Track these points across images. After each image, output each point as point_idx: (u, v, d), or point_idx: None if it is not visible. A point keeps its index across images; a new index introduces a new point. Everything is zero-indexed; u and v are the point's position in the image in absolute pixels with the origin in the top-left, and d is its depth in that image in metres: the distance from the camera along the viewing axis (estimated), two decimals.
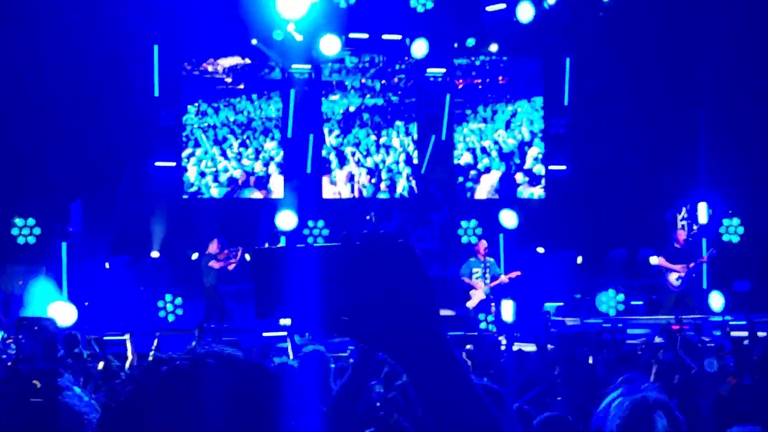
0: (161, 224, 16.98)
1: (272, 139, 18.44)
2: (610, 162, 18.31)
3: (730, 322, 13.74)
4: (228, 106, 18.20)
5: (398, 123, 19.07)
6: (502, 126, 19.47)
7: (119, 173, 17.07)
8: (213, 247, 14.99)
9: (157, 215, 16.96)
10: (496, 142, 19.44)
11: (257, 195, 18.33)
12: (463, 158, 19.33)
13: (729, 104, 17.83)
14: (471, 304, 14.31)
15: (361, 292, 1.55)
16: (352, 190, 18.80)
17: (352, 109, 18.84)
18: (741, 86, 17.77)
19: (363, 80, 18.82)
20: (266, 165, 18.42)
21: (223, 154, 18.21)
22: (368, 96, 18.87)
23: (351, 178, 18.79)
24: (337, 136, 18.81)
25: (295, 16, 15.53)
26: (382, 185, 18.94)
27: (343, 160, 18.80)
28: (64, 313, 13.94)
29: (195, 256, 16.01)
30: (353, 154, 18.83)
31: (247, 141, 18.32)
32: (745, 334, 12.60)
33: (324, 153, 18.72)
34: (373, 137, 18.98)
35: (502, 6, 16.95)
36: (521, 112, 19.50)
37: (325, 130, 18.74)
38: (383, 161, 18.97)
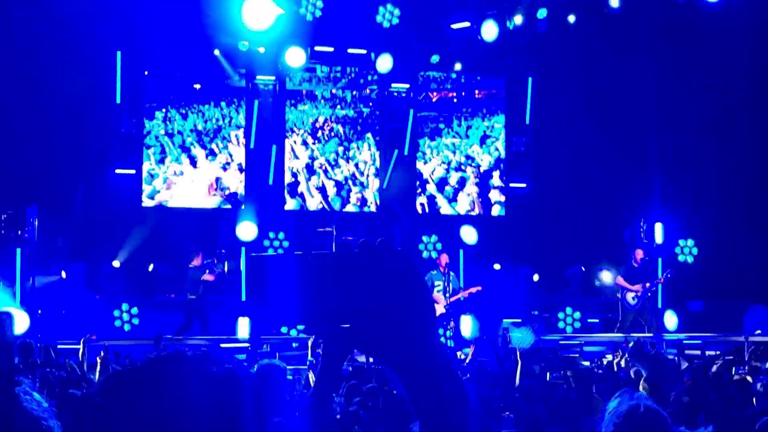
0: (120, 233, 16.79)
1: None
2: (570, 180, 18.51)
3: (684, 341, 13.94)
4: (195, 113, 18.08)
5: (368, 135, 19.10)
6: (477, 141, 19.59)
7: (77, 179, 16.87)
8: (197, 261, 14.98)
9: (116, 223, 16.78)
10: (471, 158, 19.55)
11: (217, 203, 18.20)
12: (436, 173, 19.39)
13: (686, 126, 18.13)
14: None
15: (359, 300, 1.56)
16: (324, 202, 18.77)
17: (321, 119, 18.82)
18: (697, 108, 18.10)
19: (333, 90, 18.81)
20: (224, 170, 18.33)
21: (192, 162, 18.08)
22: (339, 107, 18.87)
23: (322, 190, 18.76)
24: (306, 147, 18.77)
25: (260, 27, 15.51)
26: (353, 198, 18.93)
27: (311, 172, 18.76)
28: (17, 321, 13.79)
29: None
30: (321, 166, 18.81)
31: (215, 148, 18.20)
32: (697, 353, 12.81)
33: (291, 165, 18.65)
34: (340, 149, 18.96)
35: (467, 24, 17.08)
36: (498, 128, 19.65)
37: (292, 140, 18.69)
38: (353, 175, 18.98)
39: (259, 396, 1.63)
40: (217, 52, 17.39)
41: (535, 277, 18.03)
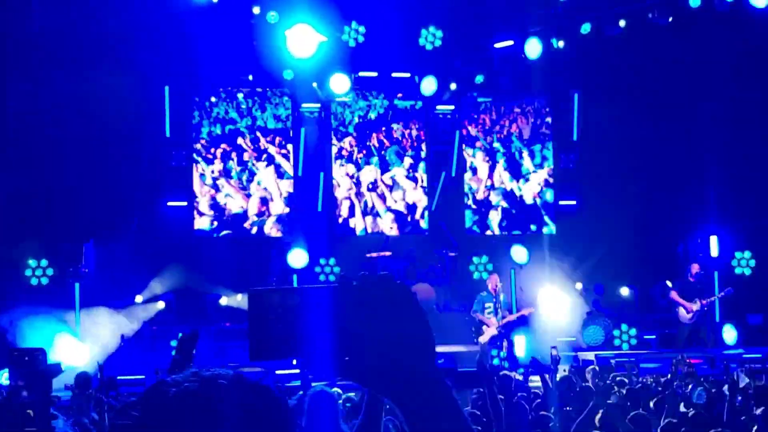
0: (174, 263, 16.98)
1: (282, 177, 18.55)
2: (621, 196, 18.33)
3: (744, 355, 13.65)
4: (244, 145, 18.35)
5: (414, 157, 19.18)
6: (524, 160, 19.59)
7: (132, 213, 17.17)
8: None
9: (170, 255, 16.99)
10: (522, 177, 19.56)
11: (273, 232, 18.36)
12: (485, 192, 19.40)
13: (738, 137, 17.87)
14: (483, 339, 14.28)
15: (359, 333, 1.57)
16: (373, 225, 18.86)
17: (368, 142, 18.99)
18: (749, 118, 17.83)
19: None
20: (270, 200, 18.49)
21: (244, 188, 18.32)
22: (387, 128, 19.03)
23: (371, 213, 18.86)
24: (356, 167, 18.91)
25: (304, 55, 15.68)
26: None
27: (359, 196, 18.86)
28: (75, 352, 14.03)
29: (139, 299, 16.06)
30: (369, 189, 18.87)
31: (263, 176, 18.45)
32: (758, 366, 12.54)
33: (340, 191, 18.77)
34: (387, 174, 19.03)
35: (510, 43, 17.08)
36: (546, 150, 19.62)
37: (338, 164, 18.82)
38: (402, 198, 19.06)
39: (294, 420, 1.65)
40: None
41: (625, 291, 17.72)
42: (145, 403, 1.59)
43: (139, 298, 16.48)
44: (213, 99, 18.20)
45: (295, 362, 11.89)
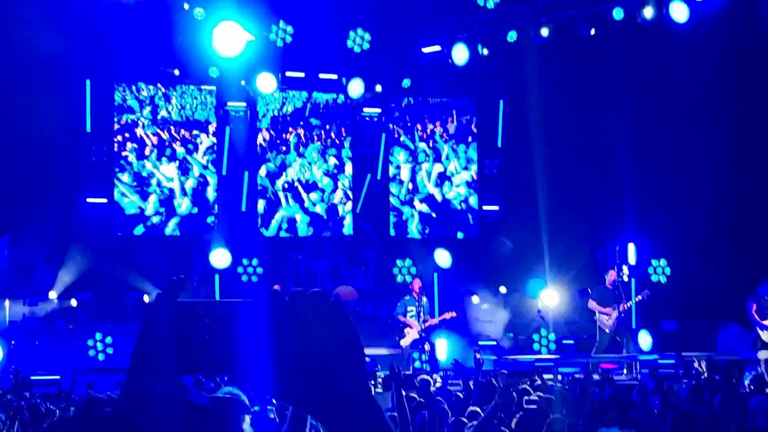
0: (93, 262, 16.62)
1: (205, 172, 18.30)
2: (542, 202, 18.60)
3: (658, 361, 13.97)
4: (167, 142, 18.00)
5: (337, 156, 19.09)
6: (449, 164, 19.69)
7: (49, 209, 16.75)
8: None
9: (89, 253, 16.61)
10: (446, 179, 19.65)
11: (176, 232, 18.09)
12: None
13: (657, 146, 18.30)
14: (405, 342, 14.33)
15: (291, 353, 1.52)
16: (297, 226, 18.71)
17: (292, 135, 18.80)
18: (668, 129, 18.27)
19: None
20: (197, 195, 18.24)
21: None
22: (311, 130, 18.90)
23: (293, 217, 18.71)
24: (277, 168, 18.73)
25: (231, 53, 15.52)
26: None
27: (284, 195, 18.70)
28: None
29: (53, 295, 15.77)
30: (293, 187, 18.72)
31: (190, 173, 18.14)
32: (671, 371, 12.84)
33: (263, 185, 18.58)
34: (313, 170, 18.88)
35: (438, 48, 17.18)
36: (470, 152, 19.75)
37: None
38: (325, 199, 18.93)
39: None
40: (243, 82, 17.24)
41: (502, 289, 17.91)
42: (78, 421, 1.55)
43: (52, 294, 16.07)
44: (128, 92, 17.84)
45: (226, 378, 11.66)
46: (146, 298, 16.29)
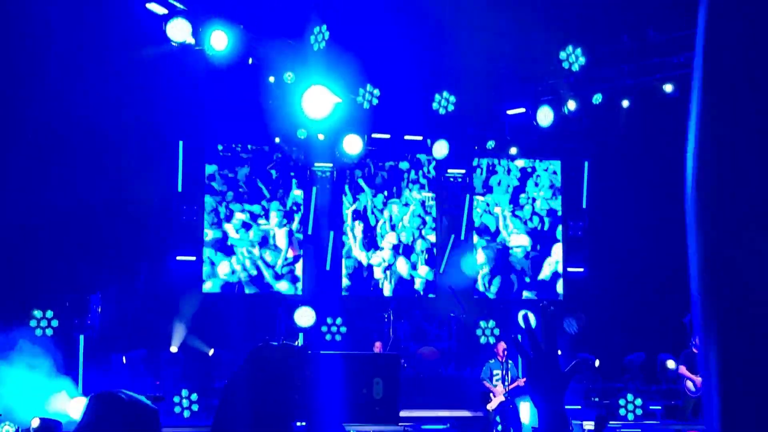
0: (181, 319, 16.96)
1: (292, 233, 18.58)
2: (628, 264, 18.37)
3: None
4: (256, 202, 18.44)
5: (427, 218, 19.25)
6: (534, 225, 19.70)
7: (139, 266, 17.16)
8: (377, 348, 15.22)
9: (177, 310, 16.96)
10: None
11: (282, 286, 18.35)
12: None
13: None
14: (491, 406, 14.17)
15: (244, 394, 1.67)
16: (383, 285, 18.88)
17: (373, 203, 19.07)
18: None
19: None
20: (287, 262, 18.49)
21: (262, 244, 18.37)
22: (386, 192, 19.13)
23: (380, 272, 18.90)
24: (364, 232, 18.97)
25: (319, 116, 15.82)
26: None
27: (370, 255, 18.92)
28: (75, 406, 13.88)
29: (211, 352, 16.05)
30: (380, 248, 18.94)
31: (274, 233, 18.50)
32: None
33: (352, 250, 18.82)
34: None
35: (522, 110, 17.24)
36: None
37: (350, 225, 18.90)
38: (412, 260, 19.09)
39: None
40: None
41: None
42: None
43: (174, 349, 16.52)
44: (225, 153, 18.33)
45: None
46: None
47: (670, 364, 16.80)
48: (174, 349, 16.78)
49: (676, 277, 18.26)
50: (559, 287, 19.51)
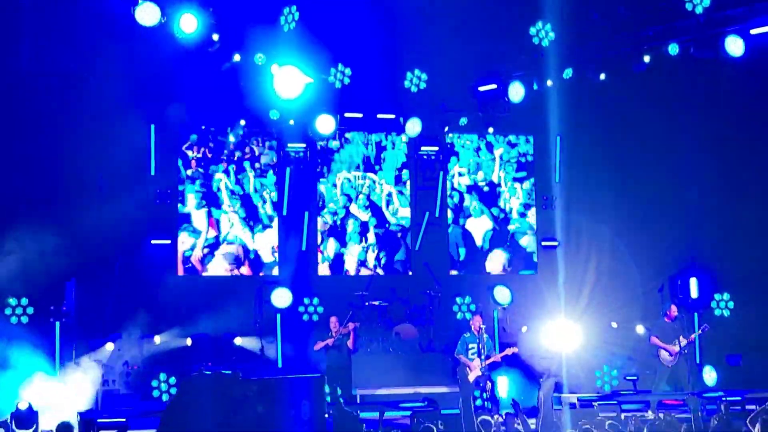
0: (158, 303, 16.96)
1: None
2: (601, 237, 18.56)
3: (724, 398, 13.75)
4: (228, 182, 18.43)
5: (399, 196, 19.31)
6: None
7: (114, 251, 17.08)
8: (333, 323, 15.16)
9: (154, 294, 16.96)
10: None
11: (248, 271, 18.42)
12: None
13: (717, 180, 18.18)
14: (470, 378, 14.27)
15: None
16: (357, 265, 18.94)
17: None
18: (729, 162, 18.15)
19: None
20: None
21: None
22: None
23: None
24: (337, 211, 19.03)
25: (290, 96, 15.80)
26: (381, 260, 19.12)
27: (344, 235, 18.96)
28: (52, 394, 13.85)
29: (158, 340, 16.12)
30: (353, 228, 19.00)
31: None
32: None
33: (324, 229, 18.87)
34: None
35: (494, 86, 17.28)
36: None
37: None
38: (385, 236, 19.16)
39: None
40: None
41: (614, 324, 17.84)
42: None
43: (157, 339, 16.59)
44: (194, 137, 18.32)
45: None
46: (238, 341, 16.70)
47: (639, 329, 17.10)
48: (157, 339, 16.74)
49: (648, 247, 18.48)
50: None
